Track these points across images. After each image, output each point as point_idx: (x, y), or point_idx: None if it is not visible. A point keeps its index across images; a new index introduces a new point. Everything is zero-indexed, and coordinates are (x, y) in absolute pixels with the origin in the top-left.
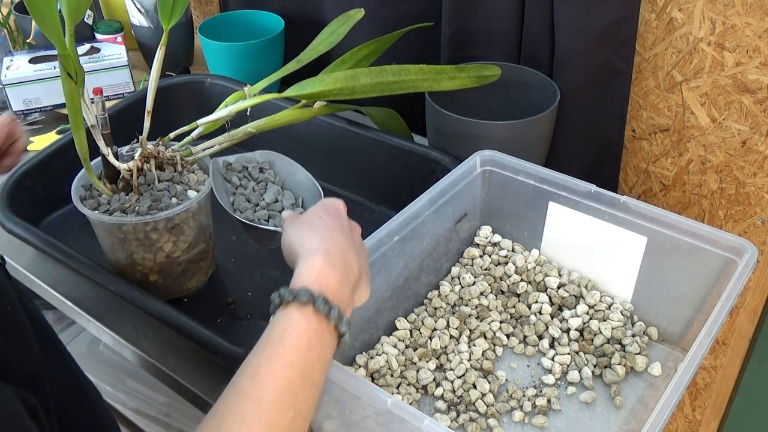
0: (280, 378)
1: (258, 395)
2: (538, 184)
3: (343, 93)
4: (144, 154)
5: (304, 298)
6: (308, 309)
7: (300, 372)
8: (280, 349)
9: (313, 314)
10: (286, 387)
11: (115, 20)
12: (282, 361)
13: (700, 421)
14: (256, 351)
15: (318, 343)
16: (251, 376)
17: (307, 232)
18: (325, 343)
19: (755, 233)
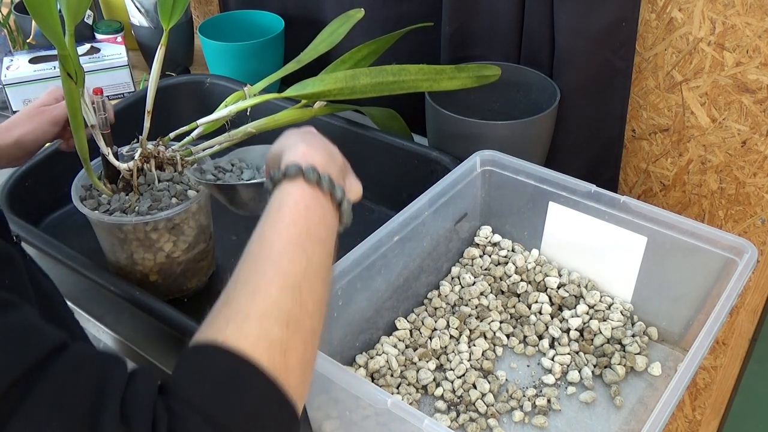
0: (285, 235)
1: (268, 250)
2: (538, 184)
3: (343, 93)
4: (144, 154)
5: (292, 171)
6: (299, 180)
7: (304, 229)
8: (280, 215)
9: (305, 183)
10: (292, 241)
11: (115, 20)
12: (284, 222)
13: (700, 421)
14: (258, 225)
15: (317, 207)
16: (259, 240)
17: (286, 139)
18: (324, 208)
19: (755, 233)
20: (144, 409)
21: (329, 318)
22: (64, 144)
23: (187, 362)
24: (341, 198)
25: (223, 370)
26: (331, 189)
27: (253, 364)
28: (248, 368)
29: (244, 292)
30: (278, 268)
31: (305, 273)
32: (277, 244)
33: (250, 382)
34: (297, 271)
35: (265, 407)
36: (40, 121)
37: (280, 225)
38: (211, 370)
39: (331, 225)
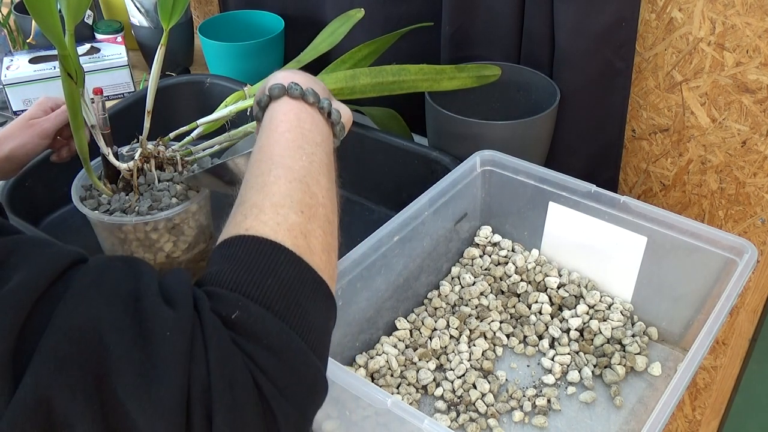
0: (282, 141)
1: (269, 154)
2: (538, 184)
3: (343, 93)
4: (144, 154)
5: (276, 90)
6: (284, 97)
7: (299, 134)
8: (272, 126)
9: (291, 98)
10: (290, 144)
11: (115, 20)
12: (279, 130)
13: (700, 421)
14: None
15: (306, 116)
16: (258, 151)
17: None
18: (314, 117)
19: (755, 233)
20: (183, 293)
21: None
22: (55, 155)
23: (215, 257)
24: (329, 108)
25: (252, 253)
26: (317, 100)
27: (279, 244)
28: (274, 248)
29: (255, 190)
30: (282, 165)
31: (309, 168)
32: (277, 149)
33: (280, 260)
34: (301, 167)
35: (298, 282)
36: (31, 135)
37: (275, 134)
38: (240, 255)
39: (325, 132)
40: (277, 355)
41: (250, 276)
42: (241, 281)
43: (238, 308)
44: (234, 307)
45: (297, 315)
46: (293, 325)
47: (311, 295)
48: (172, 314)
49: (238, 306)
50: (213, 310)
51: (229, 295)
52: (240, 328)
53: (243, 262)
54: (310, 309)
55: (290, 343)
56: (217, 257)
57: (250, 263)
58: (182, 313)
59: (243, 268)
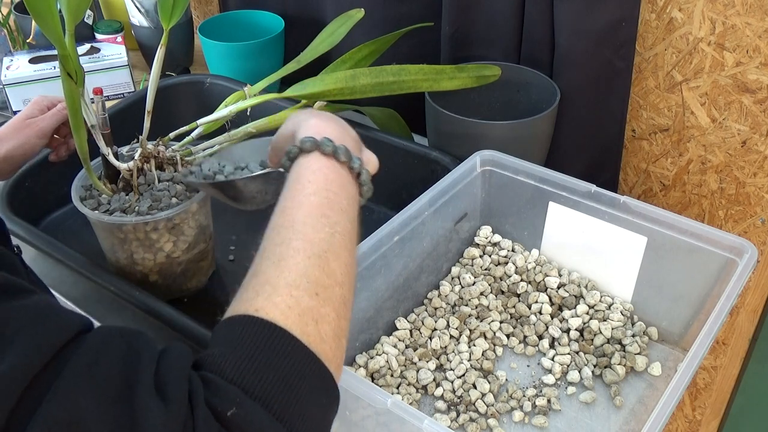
0: (306, 205)
1: (290, 221)
2: (538, 184)
3: (343, 93)
4: (144, 154)
5: (308, 144)
6: (315, 152)
7: (325, 199)
8: (299, 186)
9: (322, 155)
10: (314, 210)
11: (115, 20)
12: (305, 192)
13: (700, 421)
14: (279, 200)
15: (335, 177)
16: (281, 213)
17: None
18: (343, 178)
19: (755, 233)
20: (178, 381)
21: None
22: (54, 155)
23: (219, 335)
24: (359, 168)
25: (257, 339)
26: (348, 159)
27: (287, 332)
28: (282, 336)
29: (270, 262)
30: (303, 237)
31: (330, 241)
32: (300, 215)
33: (285, 351)
34: (322, 240)
35: (302, 376)
36: (28, 135)
37: (300, 196)
38: (244, 340)
39: (352, 195)
40: None
41: (252, 366)
42: (242, 372)
43: (234, 405)
44: (231, 403)
45: (296, 413)
46: (291, 425)
47: (314, 390)
48: (163, 411)
49: (235, 402)
50: (208, 403)
51: (227, 387)
52: (234, 427)
53: (247, 349)
54: (311, 404)
55: None
56: (221, 337)
57: (254, 351)
58: (174, 410)
59: (246, 357)
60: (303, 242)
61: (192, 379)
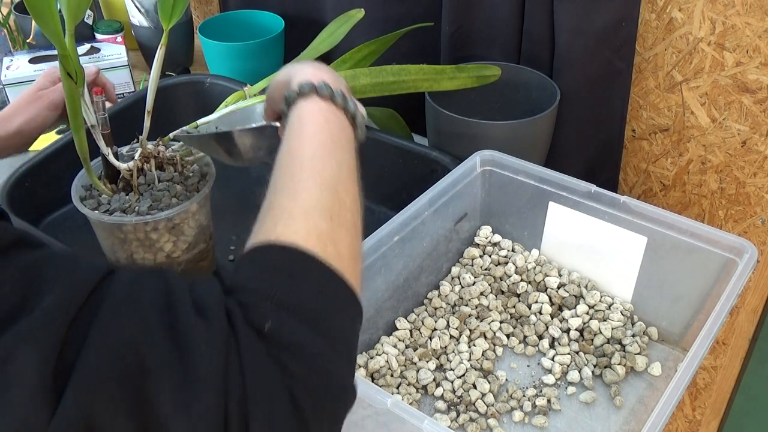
0: (311, 143)
1: (299, 158)
2: (538, 184)
3: None
4: (144, 154)
5: (306, 88)
6: (313, 96)
7: (328, 137)
8: (302, 127)
9: (320, 98)
10: (319, 147)
11: (115, 20)
12: (308, 132)
13: (700, 421)
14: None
15: (334, 118)
16: (287, 153)
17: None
18: (340, 120)
19: (755, 233)
20: (215, 303)
21: None
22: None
23: (245, 263)
24: (354, 111)
25: (283, 262)
26: (344, 103)
27: (309, 253)
28: (306, 258)
29: (285, 194)
30: (311, 170)
31: (338, 174)
32: (306, 152)
33: (311, 269)
34: (330, 172)
35: (329, 290)
36: (39, 107)
37: (304, 136)
38: (271, 263)
39: (350, 136)
40: (310, 365)
41: (281, 283)
42: (273, 289)
43: (270, 318)
44: (266, 317)
45: (327, 323)
46: (324, 335)
47: (341, 304)
48: (206, 328)
49: (270, 316)
50: (246, 320)
51: (261, 304)
52: (273, 339)
53: (275, 270)
54: (340, 317)
55: (322, 353)
56: (247, 263)
57: (281, 271)
58: (216, 327)
59: (275, 276)
60: (312, 174)
61: (228, 303)
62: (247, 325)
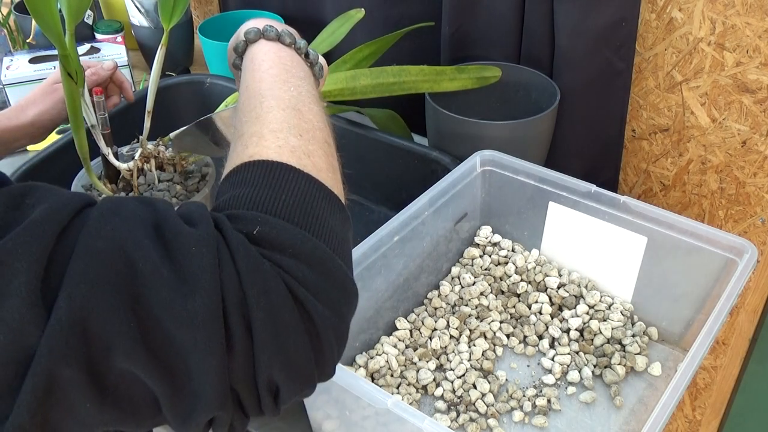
0: (267, 77)
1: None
2: (538, 184)
3: (343, 94)
4: (144, 154)
5: (252, 33)
6: (260, 39)
7: (282, 70)
8: (255, 66)
9: (267, 40)
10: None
11: (115, 20)
12: (261, 68)
13: (700, 421)
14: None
15: (286, 54)
16: (245, 90)
17: None
18: (293, 57)
19: (755, 233)
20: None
21: None
22: None
23: (224, 187)
24: (305, 48)
25: (262, 174)
26: (293, 41)
27: (286, 164)
28: (283, 168)
29: (250, 122)
30: (273, 96)
31: (299, 97)
32: (264, 84)
33: (290, 177)
34: (291, 96)
35: (312, 196)
36: (54, 99)
37: (259, 72)
38: (251, 178)
39: (306, 70)
40: (304, 261)
41: (265, 194)
42: (257, 200)
43: (259, 224)
44: (255, 223)
45: (317, 224)
46: (315, 233)
47: (327, 206)
48: (194, 231)
49: (258, 222)
50: (235, 228)
51: (248, 213)
52: (264, 241)
53: (255, 183)
54: (328, 218)
55: (315, 248)
56: (227, 186)
57: (263, 183)
58: (205, 230)
59: (257, 188)
60: (274, 100)
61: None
62: (236, 231)
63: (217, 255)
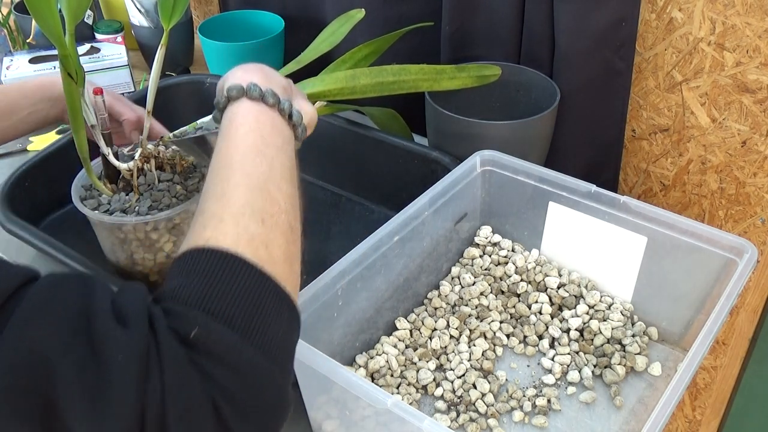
0: (242, 145)
1: (228, 160)
2: (538, 184)
3: (343, 93)
4: (144, 154)
5: (234, 91)
6: (243, 99)
7: (258, 137)
8: (232, 130)
9: (250, 100)
10: (250, 149)
11: (115, 20)
12: (238, 134)
13: (700, 421)
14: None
15: (266, 119)
16: (217, 156)
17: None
18: (274, 120)
19: (755, 233)
20: (137, 309)
21: (329, 318)
22: None
23: (172, 272)
24: (289, 109)
25: (211, 266)
26: (277, 102)
27: (238, 256)
28: (235, 261)
29: (214, 199)
30: (241, 172)
31: (269, 174)
32: (236, 154)
33: (240, 273)
34: (261, 173)
35: (260, 295)
36: None
37: (234, 138)
38: (199, 269)
39: (286, 135)
40: (238, 374)
41: (209, 290)
42: (200, 295)
43: (197, 325)
44: (192, 324)
45: (259, 330)
46: (255, 341)
47: (274, 307)
48: (124, 335)
49: (197, 323)
50: (170, 328)
51: (187, 311)
52: (199, 347)
53: (202, 275)
54: (273, 322)
55: (252, 361)
56: (176, 271)
57: (209, 276)
58: (136, 334)
59: (202, 282)
60: (242, 176)
61: (151, 309)
62: (170, 332)
63: (146, 364)
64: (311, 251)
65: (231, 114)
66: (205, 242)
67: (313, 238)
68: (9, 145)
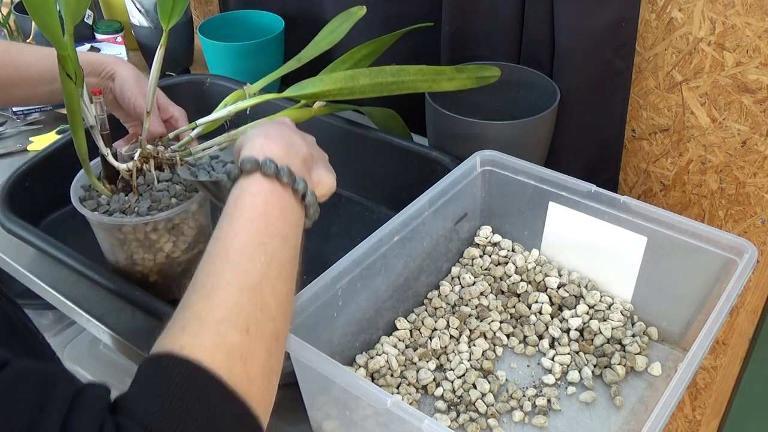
0: (243, 233)
1: (224, 250)
2: (538, 184)
3: (342, 93)
4: (143, 154)
5: (248, 165)
6: (256, 174)
7: (263, 225)
8: (237, 213)
9: (263, 177)
10: (251, 239)
11: (115, 20)
12: (241, 219)
13: (700, 421)
14: (217, 225)
15: (276, 201)
16: (215, 241)
17: (250, 133)
18: (284, 202)
19: (755, 233)
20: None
21: (329, 318)
22: None
23: (141, 375)
24: (303, 190)
25: (179, 382)
26: (292, 181)
27: (210, 374)
28: (205, 379)
29: (200, 295)
30: (236, 267)
31: (266, 272)
32: (235, 243)
33: (208, 395)
34: (257, 270)
35: (225, 421)
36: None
37: (237, 223)
38: (165, 382)
39: (295, 219)
40: None
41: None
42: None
43: None
44: None
45: None
46: None
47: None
48: None
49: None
50: None
51: None
52: None
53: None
54: None
55: None
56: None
57: (173, 395)
58: None
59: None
60: (236, 273)
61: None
62: None
63: None
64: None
65: (240, 190)
66: (179, 350)
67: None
68: (9, 145)
